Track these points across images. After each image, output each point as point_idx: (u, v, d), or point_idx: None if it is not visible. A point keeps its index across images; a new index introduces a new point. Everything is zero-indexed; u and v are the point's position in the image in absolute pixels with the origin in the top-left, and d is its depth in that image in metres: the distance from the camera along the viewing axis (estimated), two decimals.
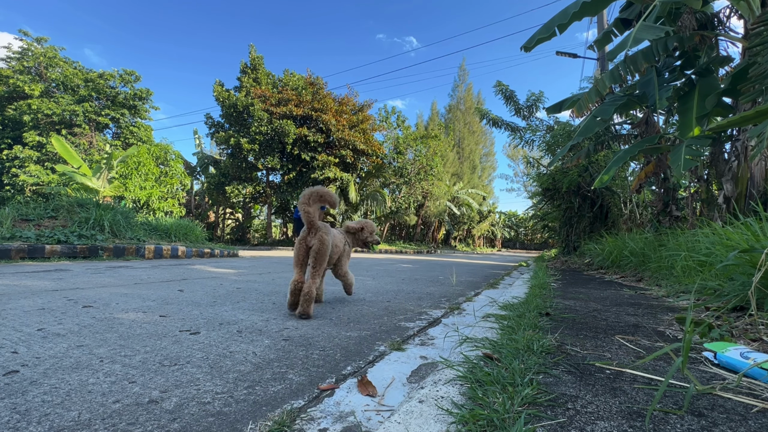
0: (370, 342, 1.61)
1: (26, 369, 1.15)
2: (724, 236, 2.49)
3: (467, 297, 3.12)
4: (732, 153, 4.37)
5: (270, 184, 18.30)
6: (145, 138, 20.72)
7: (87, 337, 1.50)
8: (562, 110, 5.81)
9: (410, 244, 24.64)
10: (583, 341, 1.37)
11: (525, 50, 5.06)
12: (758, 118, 2.58)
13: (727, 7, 4.81)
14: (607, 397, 0.86)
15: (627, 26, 5.44)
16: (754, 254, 1.84)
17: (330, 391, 1.07)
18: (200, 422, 0.87)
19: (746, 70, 3.64)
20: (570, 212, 9.02)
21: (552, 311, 1.93)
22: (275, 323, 1.87)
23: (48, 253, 5.09)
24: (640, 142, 4.96)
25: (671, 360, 1.14)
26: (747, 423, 0.74)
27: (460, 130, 37.91)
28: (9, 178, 16.82)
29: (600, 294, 2.77)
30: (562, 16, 4.63)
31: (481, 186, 37.59)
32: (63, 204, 6.78)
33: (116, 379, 1.09)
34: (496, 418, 0.72)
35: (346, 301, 2.61)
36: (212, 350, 1.40)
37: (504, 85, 11.28)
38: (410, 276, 4.79)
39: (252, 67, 18.15)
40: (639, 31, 3.68)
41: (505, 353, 1.12)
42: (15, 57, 18.20)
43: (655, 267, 3.73)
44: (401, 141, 21.83)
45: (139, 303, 2.25)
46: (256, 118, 15.60)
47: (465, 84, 39.10)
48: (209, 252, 7.59)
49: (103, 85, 18.99)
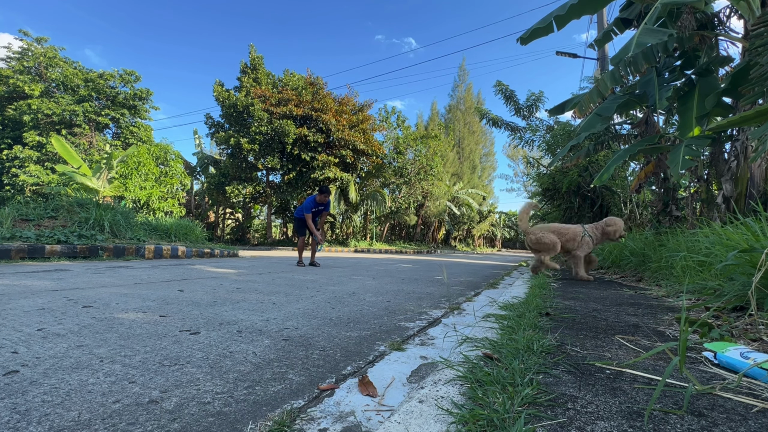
0: (370, 342, 1.61)
1: (26, 369, 1.15)
2: (723, 236, 2.49)
3: (467, 297, 3.12)
4: (731, 153, 4.38)
5: (270, 184, 18.30)
6: (145, 138, 20.72)
7: (87, 337, 1.50)
8: (565, 111, 5.81)
9: (410, 244, 24.64)
10: (583, 341, 1.37)
11: (522, 42, 5.04)
12: (758, 119, 2.58)
13: (727, 8, 4.81)
14: (607, 397, 0.86)
15: (627, 26, 5.44)
16: (754, 254, 1.84)
17: (330, 391, 1.07)
18: (200, 422, 0.87)
19: (746, 70, 3.64)
20: (570, 212, 9.01)
21: (552, 311, 1.93)
22: (275, 323, 1.87)
23: (48, 253, 5.09)
24: (639, 141, 4.96)
25: (672, 360, 1.14)
26: (747, 423, 0.74)
27: (460, 130, 37.92)
28: (9, 178, 16.82)
29: (600, 294, 2.77)
30: (561, 9, 4.62)
31: (481, 186, 37.59)
32: (63, 204, 6.78)
33: (116, 379, 1.09)
34: (496, 418, 0.72)
35: (346, 301, 2.62)
36: (212, 350, 1.40)
37: (504, 85, 11.28)
38: (410, 276, 4.79)
39: (252, 67, 18.15)
40: (641, 36, 3.68)
41: (505, 353, 1.12)
42: (15, 57, 18.20)
43: (654, 267, 3.74)
44: (401, 141, 21.83)
45: (139, 303, 2.26)
46: (256, 118, 15.60)
47: (465, 84, 39.11)
48: (209, 252, 7.59)
49: (103, 85, 18.99)
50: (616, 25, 5.45)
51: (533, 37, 4.92)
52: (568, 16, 4.62)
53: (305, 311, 2.21)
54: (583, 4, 4.43)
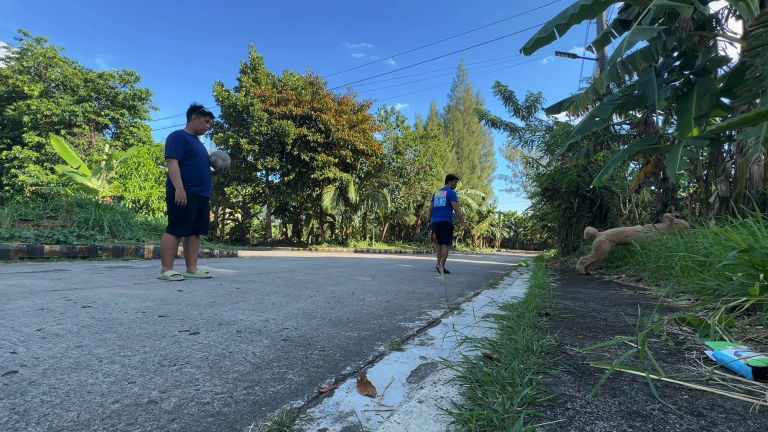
0: (369, 342, 1.61)
1: (25, 369, 1.15)
2: (722, 236, 2.49)
3: (467, 297, 3.13)
4: (727, 153, 4.39)
5: (269, 184, 18.29)
6: (145, 138, 20.72)
7: (86, 338, 1.50)
8: (561, 111, 5.82)
9: (410, 244, 24.64)
10: (583, 341, 1.37)
11: (525, 52, 5.06)
12: (758, 120, 2.59)
13: (725, 8, 4.82)
14: (606, 397, 0.86)
15: (626, 27, 5.45)
16: (753, 254, 1.84)
17: (329, 392, 1.07)
18: (200, 422, 0.87)
19: (741, 71, 3.65)
20: (569, 212, 9.02)
21: (551, 311, 1.93)
22: (274, 323, 1.87)
23: (47, 254, 5.09)
24: (639, 142, 4.97)
25: (673, 360, 1.14)
26: (746, 423, 0.74)
27: (459, 130, 37.96)
28: (8, 179, 16.81)
29: (599, 294, 2.77)
30: (561, 17, 4.64)
31: (480, 186, 37.61)
32: (62, 204, 6.78)
33: (115, 380, 1.09)
34: (496, 418, 0.72)
35: (345, 302, 2.61)
36: (211, 350, 1.40)
37: (503, 86, 11.29)
38: (410, 276, 4.79)
39: (252, 67, 18.16)
40: (632, 35, 3.69)
41: (505, 353, 1.12)
42: (14, 57, 18.18)
43: (654, 267, 3.74)
44: (400, 141, 21.85)
45: (139, 303, 2.25)
46: (255, 118, 15.60)
47: (464, 84, 39.19)
48: (208, 252, 7.58)
49: (103, 86, 18.99)
50: (614, 27, 5.47)
51: (536, 46, 4.94)
52: (569, 23, 4.64)
53: (305, 311, 2.20)
54: (583, 10, 4.45)
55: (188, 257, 3.78)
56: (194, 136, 3.74)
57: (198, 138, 3.81)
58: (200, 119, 3.71)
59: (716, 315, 1.53)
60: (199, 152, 3.68)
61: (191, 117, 3.72)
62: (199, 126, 3.72)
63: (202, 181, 3.70)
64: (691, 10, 3.62)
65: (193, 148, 3.63)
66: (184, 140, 3.58)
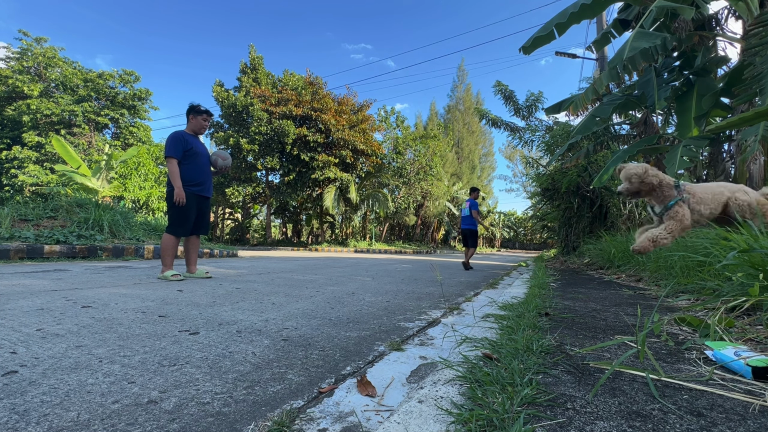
0: (369, 342, 1.61)
1: (25, 369, 1.15)
2: (721, 236, 2.49)
3: (466, 297, 3.13)
4: (726, 153, 4.39)
5: (269, 184, 18.29)
6: (145, 138, 20.72)
7: (86, 338, 1.50)
8: (561, 111, 5.82)
9: (409, 244, 24.65)
10: (583, 341, 1.37)
11: (524, 52, 5.06)
12: (757, 120, 2.59)
13: (725, 8, 4.82)
14: (606, 397, 0.86)
15: (625, 27, 5.45)
16: (753, 254, 1.84)
17: (329, 392, 1.07)
18: (199, 422, 0.87)
19: (740, 70, 3.65)
20: (569, 212, 9.02)
21: (551, 311, 1.93)
22: (274, 323, 1.87)
23: (47, 254, 5.08)
24: (639, 142, 4.98)
25: (673, 360, 1.14)
26: (746, 423, 0.74)
27: (459, 130, 37.95)
28: (8, 179, 16.81)
29: (599, 294, 2.77)
30: (561, 16, 4.64)
31: (480, 186, 37.61)
32: (62, 204, 6.78)
33: (115, 380, 1.09)
34: (496, 418, 0.72)
35: (345, 302, 2.61)
36: (211, 350, 1.40)
37: (503, 86, 11.29)
38: (409, 276, 4.79)
39: (252, 67, 18.16)
40: (635, 40, 3.70)
41: (505, 353, 1.12)
42: (14, 57, 18.18)
43: (654, 267, 3.74)
44: (400, 141, 21.85)
45: (138, 303, 2.25)
46: (255, 118, 15.59)
47: (464, 84, 39.17)
48: (208, 252, 7.58)
49: (103, 85, 18.98)
50: (614, 27, 5.47)
51: (535, 45, 4.94)
52: (569, 23, 4.65)
53: (304, 311, 2.20)
54: (583, 10, 4.45)
55: (188, 257, 3.79)
56: (194, 136, 3.78)
57: (198, 138, 3.83)
58: (197, 118, 3.74)
59: (716, 315, 1.53)
60: (199, 152, 3.71)
61: (189, 117, 3.76)
62: (197, 125, 3.76)
63: (202, 181, 3.73)
64: (693, 12, 3.62)
65: (193, 147, 3.66)
66: (184, 140, 3.61)
